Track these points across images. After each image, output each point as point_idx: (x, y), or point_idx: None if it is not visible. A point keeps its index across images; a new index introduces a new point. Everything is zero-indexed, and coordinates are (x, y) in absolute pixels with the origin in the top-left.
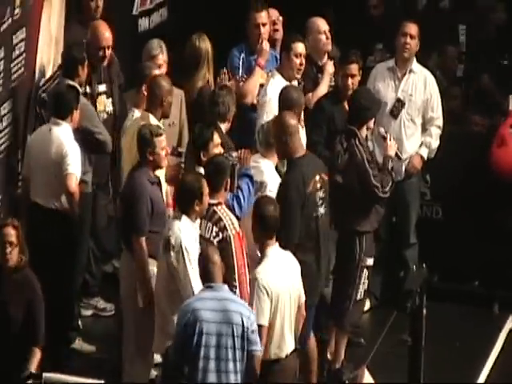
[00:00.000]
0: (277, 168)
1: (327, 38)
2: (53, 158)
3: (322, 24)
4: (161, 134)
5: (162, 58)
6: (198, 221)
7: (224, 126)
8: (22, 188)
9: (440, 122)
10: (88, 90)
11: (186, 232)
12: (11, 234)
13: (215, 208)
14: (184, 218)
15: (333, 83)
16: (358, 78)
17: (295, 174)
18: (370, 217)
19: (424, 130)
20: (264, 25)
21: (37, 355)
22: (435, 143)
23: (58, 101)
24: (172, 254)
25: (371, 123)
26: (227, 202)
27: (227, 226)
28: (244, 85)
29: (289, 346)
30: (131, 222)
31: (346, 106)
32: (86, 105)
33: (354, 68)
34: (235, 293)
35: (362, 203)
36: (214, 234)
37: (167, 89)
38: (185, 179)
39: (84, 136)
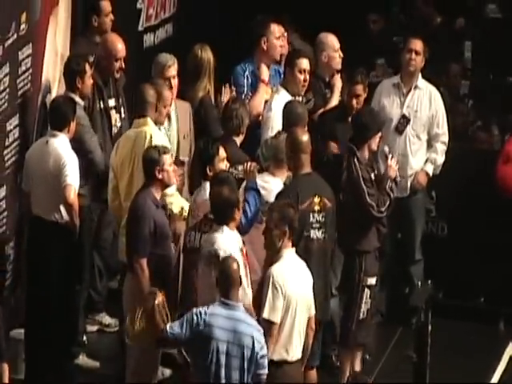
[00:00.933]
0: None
1: (340, 57)
2: (51, 169)
3: (336, 42)
4: (167, 152)
5: (175, 68)
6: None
7: (238, 139)
8: (23, 202)
9: (445, 138)
10: (101, 105)
11: (233, 242)
12: None
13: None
14: (226, 229)
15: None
16: (363, 97)
17: (291, 188)
18: (369, 236)
19: (429, 146)
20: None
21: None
22: (441, 159)
23: (55, 112)
24: None
25: (374, 143)
26: None
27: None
28: (250, 102)
29: (296, 351)
30: (132, 243)
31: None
32: (81, 118)
33: (360, 89)
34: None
35: (359, 222)
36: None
37: (156, 95)
38: (220, 192)
39: (77, 150)
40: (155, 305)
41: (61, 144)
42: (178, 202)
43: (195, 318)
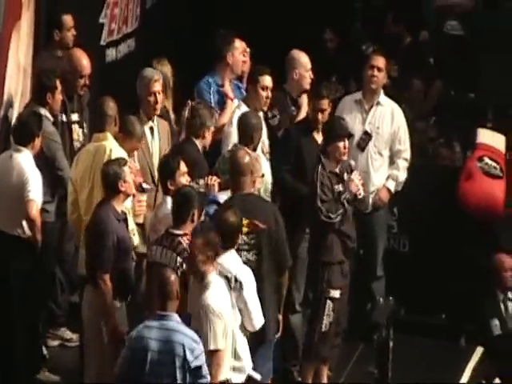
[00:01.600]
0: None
1: (310, 77)
2: (14, 184)
3: (308, 61)
4: (126, 163)
5: (160, 83)
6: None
7: (199, 142)
8: None
9: (407, 154)
10: (64, 118)
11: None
12: None
13: (180, 239)
14: (234, 252)
15: None
16: (327, 112)
17: (220, 208)
18: (333, 248)
19: (391, 162)
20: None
21: None
22: (402, 176)
23: (20, 127)
24: (244, 288)
25: (337, 151)
26: (196, 227)
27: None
28: (218, 119)
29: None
30: (95, 258)
31: (316, 136)
32: (52, 134)
33: (325, 103)
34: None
35: (320, 232)
36: (177, 264)
37: (116, 108)
38: (226, 218)
39: (46, 166)
40: None
41: (24, 159)
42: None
43: (129, 338)
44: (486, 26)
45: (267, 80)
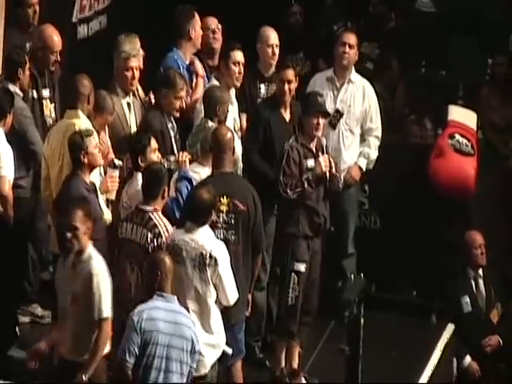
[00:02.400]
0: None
1: (273, 54)
2: None
3: (270, 37)
4: (90, 134)
5: (139, 59)
6: None
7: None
8: None
9: (379, 132)
10: (35, 94)
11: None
12: None
13: (151, 215)
14: (208, 228)
15: None
16: (294, 84)
17: (200, 184)
18: (299, 221)
19: (363, 140)
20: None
21: None
22: (374, 154)
23: None
24: (219, 264)
25: (308, 125)
26: (167, 204)
27: (162, 232)
28: (192, 97)
29: None
30: None
31: (284, 113)
32: (23, 110)
33: (291, 74)
34: None
35: (285, 204)
36: (148, 240)
37: (91, 86)
38: (200, 194)
39: (18, 141)
40: None
41: None
42: None
43: (136, 318)
44: (456, 4)
45: (238, 55)
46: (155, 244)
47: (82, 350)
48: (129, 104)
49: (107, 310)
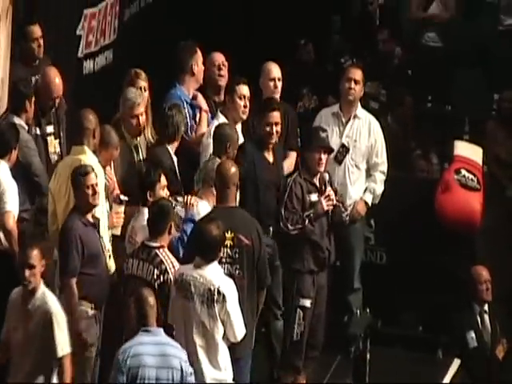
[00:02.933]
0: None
1: (275, 87)
2: None
3: (271, 70)
4: (86, 173)
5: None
6: None
7: (172, 147)
8: None
9: (384, 167)
10: (38, 131)
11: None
12: None
13: (157, 251)
14: (216, 264)
15: None
16: (280, 125)
17: (205, 218)
18: (304, 257)
19: (368, 175)
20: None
21: None
22: (379, 189)
23: None
24: (227, 300)
25: (311, 161)
26: (172, 243)
27: (168, 269)
28: (196, 131)
29: None
30: (61, 262)
31: (267, 155)
32: (27, 142)
33: (277, 116)
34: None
35: (292, 241)
36: (155, 276)
37: (96, 121)
38: (210, 230)
39: (23, 174)
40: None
41: (1, 171)
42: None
43: (121, 357)
44: (462, 39)
45: (244, 89)
46: (161, 280)
47: None
48: (136, 147)
49: (67, 347)
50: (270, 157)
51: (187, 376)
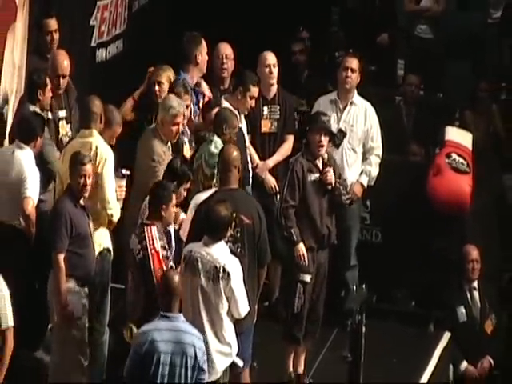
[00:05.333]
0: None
1: (270, 73)
2: (13, 179)
3: (266, 58)
4: (83, 164)
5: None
6: None
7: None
8: None
9: (379, 151)
10: (50, 115)
11: (229, 254)
12: None
13: (145, 227)
14: (223, 243)
15: None
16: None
17: (207, 200)
18: (304, 234)
19: (364, 158)
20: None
21: None
22: (375, 171)
23: (24, 126)
24: (232, 278)
25: (312, 143)
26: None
27: (148, 246)
28: (207, 115)
29: None
30: (50, 238)
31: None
32: (45, 137)
33: (255, 91)
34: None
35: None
36: (137, 251)
37: (102, 106)
38: (219, 211)
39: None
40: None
41: (25, 157)
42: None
43: (137, 341)
44: (453, 30)
45: (256, 91)
46: (141, 255)
47: None
48: (169, 147)
49: (11, 320)
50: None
51: (201, 362)
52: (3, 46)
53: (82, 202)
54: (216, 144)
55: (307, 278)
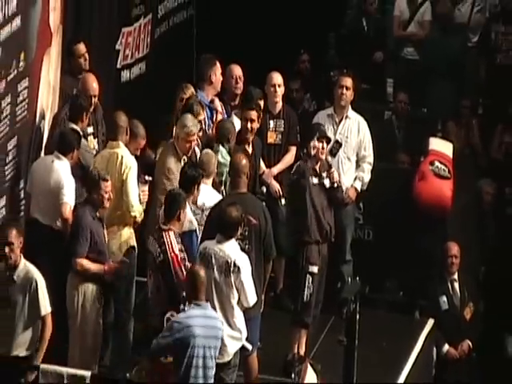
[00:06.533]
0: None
1: (275, 92)
2: (51, 185)
3: (272, 78)
4: (107, 180)
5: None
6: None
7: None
8: (26, 202)
9: (371, 159)
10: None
11: (239, 251)
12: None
13: (164, 233)
14: (234, 241)
15: None
16: (256, 124)
17: (219, 202)
18: (311, 229)
19: (358, 166)
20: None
21: None
22: (367, 177)
23: (62, 139)
24: (241, 271)
25: (310, 148)
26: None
27: (167, 250)
28: (213, 130)
29: None
30: (71, 246)
31: (249, 149)
32: (86, 146)
33: (253, 114)
34: None
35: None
36: (157, 254)
37: (127, 120)
38: (230, 212)
39: (82, 172)
40: None
41: (62, 167)
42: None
43: (176, 325)
44: (436, 52)
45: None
46: (161, 258)
47: (25, 345)
48: (184, 159)
49: (49, 307)
50: (249, 149)
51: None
52: (40, 68)
53: (98, 213)
54: (222, 153)
55: (315, 269)
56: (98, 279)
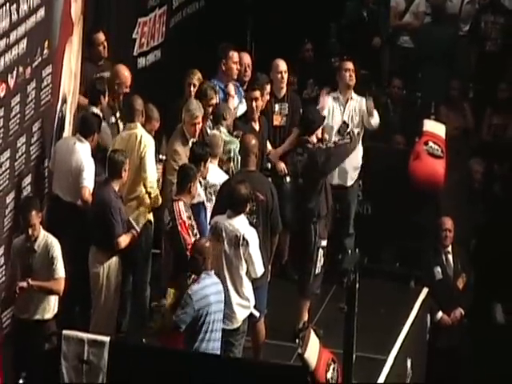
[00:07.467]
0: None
1: (282, 78)
2: (73, 166)
3: (278, 65)
4: (127, 157)
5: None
6: None
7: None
8: (49, 179)
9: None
10: (113, 119)
11: (248, 225)
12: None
13: (174, 203)
14: (243, 216)
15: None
16: (260, 102)
17: (229, 179)
18: (320, 204)
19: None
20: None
21: None
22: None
23: (83, 123)
24: (250, 244)
25: (315, 135)
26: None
27: (176, 218)
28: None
29: None
30: (111, 228)
31: (254, 125)
32: (105, 129)
33: (257, 93)
34: None
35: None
36: (167, 221)
37: (143, 104)
38: (240, 189)
39: (102, 154)
40: None
41: (84, 149)
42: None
43: (194, 297)
44: (430, 41)
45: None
46: (170, 225)
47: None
48: (193, 141)
49: (63, 271)
50: (256, 126)
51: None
52: (63, 56)
53: (119, 192)
54: (224, 133)
55: (324, 242)
56: (120, 252)
